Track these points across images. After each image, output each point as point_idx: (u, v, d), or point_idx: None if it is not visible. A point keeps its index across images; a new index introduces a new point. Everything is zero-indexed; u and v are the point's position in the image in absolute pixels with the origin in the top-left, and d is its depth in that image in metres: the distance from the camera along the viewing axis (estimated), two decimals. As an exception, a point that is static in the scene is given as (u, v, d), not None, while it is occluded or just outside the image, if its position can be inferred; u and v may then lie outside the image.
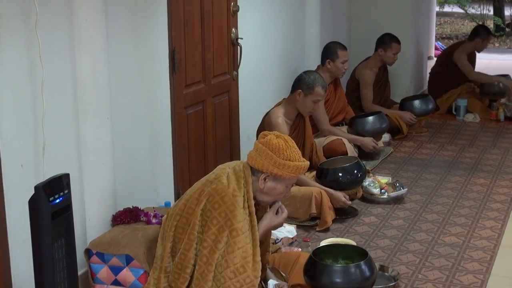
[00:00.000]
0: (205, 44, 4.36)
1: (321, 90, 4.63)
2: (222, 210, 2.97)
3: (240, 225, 2.96)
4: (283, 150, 3.05)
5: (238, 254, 2.94)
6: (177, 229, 3.07)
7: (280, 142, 3.07)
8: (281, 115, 4.59)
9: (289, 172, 3.07)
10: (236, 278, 2.93)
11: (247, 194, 3.06)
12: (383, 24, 7.26)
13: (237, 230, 2.95)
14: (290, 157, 3.06)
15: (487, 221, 4.50)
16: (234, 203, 2.98)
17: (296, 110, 4.67)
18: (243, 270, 2.94)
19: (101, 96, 3.42)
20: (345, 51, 5.72)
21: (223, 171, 3.12)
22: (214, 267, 2.95)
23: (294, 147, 3.12)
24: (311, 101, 4.61)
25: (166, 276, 3.08)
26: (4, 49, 2.88)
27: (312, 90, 4.60)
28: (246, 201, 3.05)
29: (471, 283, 3.64)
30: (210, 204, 2.99)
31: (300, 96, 4.60)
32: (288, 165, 3.05)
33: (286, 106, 4.67)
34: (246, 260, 2.95)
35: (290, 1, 5.94)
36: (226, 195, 2.99)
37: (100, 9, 3.34)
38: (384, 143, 6.15)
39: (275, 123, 4.54)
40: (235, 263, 2.93)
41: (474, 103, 7.35)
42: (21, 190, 3.00)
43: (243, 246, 2.96)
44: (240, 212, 2.98)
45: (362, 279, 3.12)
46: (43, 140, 3.07)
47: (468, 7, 15.31)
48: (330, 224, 4.31)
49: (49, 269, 2.66)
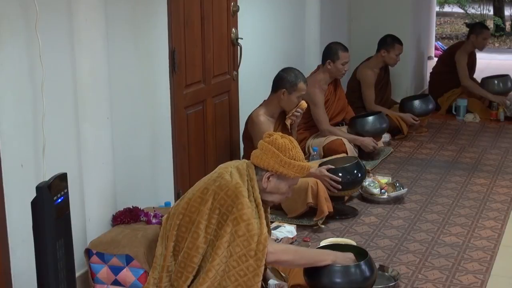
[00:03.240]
0: (205, 44, 4.36)
1: (303, 85, 4.73)
2: (228, 204, 2.98)
3: (242, 213, 2.95)
4: (289, 149, 3.09)
5: (239, 243, 2.94)
6: (180, 228, 3.07)
7: (286, 142, 3.11)
8: (262, 113, 4.69)
9: (294, 172, 3.10)
10: (240, 266, 2.93)
11: (252, 189, 3.08)
12: (383, 25, 7.27)
13: (237, 219, 2.95)
14: (295, 156, 3.10)
15: (487, 221, 4.50)
16: (237, 194, 2.98)
17: (279, 108, 4.74)
18: (246, 259, 2.94)
19: (101, 96, 3.42)
20: (346, 52, 5.72)
21: (226, 170, 3.13)
22: (219, 261, 2.96)
23: (298, 147, 3.16)
24: (295, 97, 4.70)
25: (168, 276, 3.07)
26: (4, 49, 2.88)
27: (296, 87, 4.67)
28: (252, 195, 3.06)
29: (471, 283, 3.64)
30: (217, 201, 3.00)
31: (284, 95, 4.67)
32: (294, 164, 3.08)
33: (267, 106, 4.76)
34: (248, 248, 2.94)
35: (290, 1, 5.95)
36: (230, 189, 3.00)
37: (100, 9, 3.34)
38: (384, 143, 6.15)
39: (258, 121, 4.63)
40: (237, 252, 2.94)
41: (474, 103, 7.35)
42: (21, 190, 3.00)
43: (244, 234, 2.95)
44: (244, 201, 2.98)
45: (362, 279, 3.12)
46: (43, 140, 3.07)
47: (468, 7, 15.33)
48: (326, 214, 4.28)
49: (52, 269, 2.65)
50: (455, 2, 15.43)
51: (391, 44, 6.53)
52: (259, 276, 2.94)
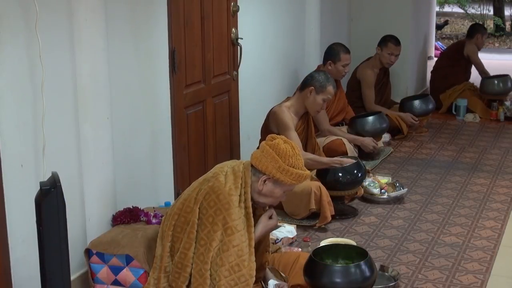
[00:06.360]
0: (205, 44, 4.36)
1: (332, 89, 4.72)
2: (217, 208, 2.98)
3: (235, 223, 2.97)
4: (289, 156, 3.06)
5: (233, 253, 2.95)
6: (176, 228, 3.07)
7: (288, 148, 3.07)
8: (287, 109, 4.64)
9: (290, 179, 3.07)
10: (231, 276, 2.94)
11: (245, 195, 3.06)
12: (383, 25, 7.27)
13: (231, 228, 2.96)
14: (294, 164, 3.07)
15: (487, 221, 4.50)
16: (229, 202, 2.98)
17: (304, 108, 4.70)
18: (238, 269, 2.94)
19: (101, 96, 3.42)
20: (347, 54, 5.73)
21: (221, 170, 3.13)
22: (209, 265, 2.96)
23: (299, 155, 3.12)
24: (321, 99, 4.67)
25: (166, 276, 3.08)
26: (4, 49, 2.88)
27: (324, 89, 4.66)
28: (243, 201, 3.05)
29: (471, 283, 3.64)
30: (206, 202, 3.00)
31: (311, 93, 4.64)
32: (292, 172, 3.06)
33: (294, 102, 4.72)
34: (241, 258, 2.96)
35: (290, 2, 5.95)
36: (222, 193, 2.99)
37: (100, 9, 3.34)
38: (384, 143, 6.15)
39: (281, 113, 4.58)
40: (230, 262, 2.94)
41: (474, 103, 7.36)
42: (21, 190, 3.00)
43: (239, 245, 2.96)
44: (235, 210, 2.99)
45: (362, 279, 3.12)
46: (43, 140, 3.07)
47: (468, 7, 15.33)
48: (329, 220, 4.30)
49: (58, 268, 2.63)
50: (455, 2, 15.43)
51: (384, 41, 6.53)
52: (250, 286, 2.96)
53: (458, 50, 7.68)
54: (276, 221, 3.23)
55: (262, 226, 3.15)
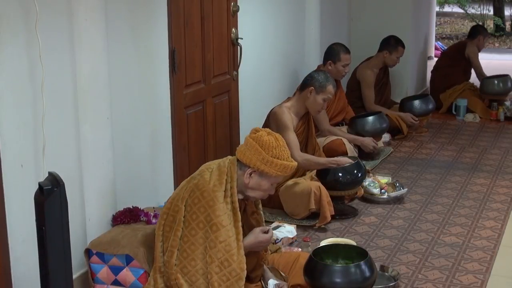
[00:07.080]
0: (205, 44, 4.36)
1: (332, 89, 4.70)
2: (201, 205, 2.99)
3: (220, 219, 2.97)
4: (272, 147, 3.06)
5: (221, 248, 2.95)
6: (165, 227, 3.09)
7: (271, 140, 3.07)
8: (287, 109, 4.63)
9: (275, 170, 3.07)
10: (222, 272, 2.94)
11: (231, 190, 3.06)
12: (383, 25, 7.27)
13: (217, 225, 2.96)
14: (278, 155, 3.06)
15: (487, 221, 4.50)
16: (213, 198, 2.98)
17: (305, 108, 4.69)
18: (228, 264, 2.95)
19: (101, 96, 3.42)
20: (347, 55, 5.73)
21: (208, 168, 3.14)
22: (197, 262, 2.96)
23: (284, 146, 3.12)
24: (321, 99, 4.66)
25: (161, 277, 3.08)
26: (4, 49, 2.88)
27: (324, 89, 4.65)
28: (230, 196, 3.05)
29: (471, 283, 3.64)
30: (191, 199, 3.01)
31: (311, 94, 4.63)
32: (276, 163, 3.05)
33: (294, 102, 4.71)
34: (230, 253, 2.96)
35: (290, 2, 5.95)
36: (206, 190, 3.00)
37: (100, 9, 3.34)
38: (384, 143, 6.15)
39: (280, 112, 4.57)
40: (219, 257, 2.94)
41: (474, 103, 7.36)
42: (21, 190, 3.00)
43: (226, 240, 2.96)
44: (220, 206, 2.98)
45: (362, 279, 3.12)
46: (43, 140, 3.07)
47: (468, 7, 15.32)
48: (329, 220, 4.30)
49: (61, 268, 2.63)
50: (455, 2, 15.42)
51: (395, 46, 6.54)
52: (242, 280, 2.96)
53: (459, 50, 7.68)
54: (270, 237, 3.19)
55: (253, 237, 3.13)
